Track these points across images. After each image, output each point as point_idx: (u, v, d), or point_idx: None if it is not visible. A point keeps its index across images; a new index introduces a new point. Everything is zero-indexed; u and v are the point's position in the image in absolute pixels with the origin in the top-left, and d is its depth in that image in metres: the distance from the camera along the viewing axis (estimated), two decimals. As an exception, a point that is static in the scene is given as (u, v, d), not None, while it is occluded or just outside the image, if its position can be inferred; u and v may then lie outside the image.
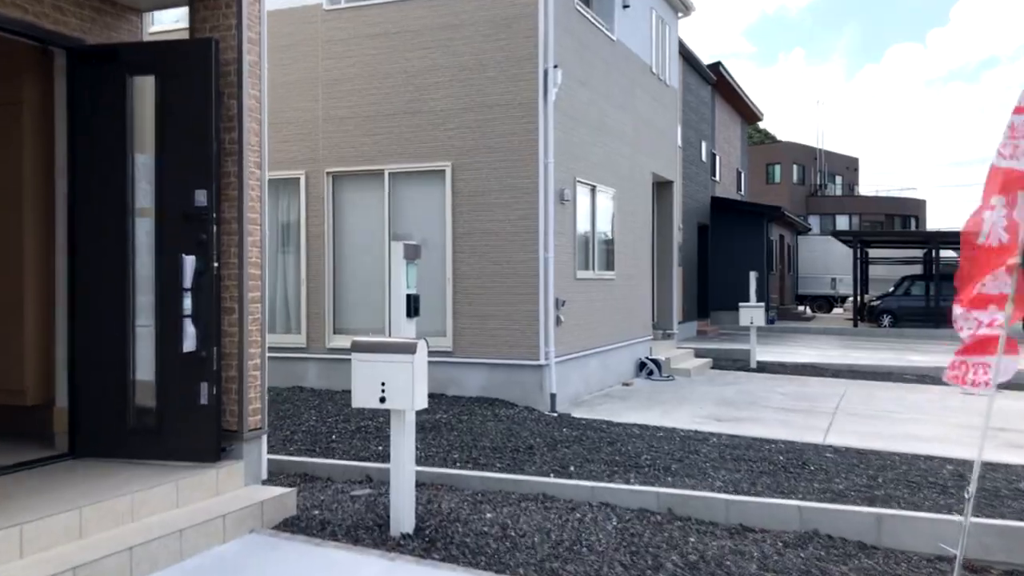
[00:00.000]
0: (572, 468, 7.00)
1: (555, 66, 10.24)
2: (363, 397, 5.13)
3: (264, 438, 5.79)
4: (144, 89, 5.38)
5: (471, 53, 10.41)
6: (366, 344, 5.15)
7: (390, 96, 10.75)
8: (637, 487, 6.26)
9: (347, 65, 10.98)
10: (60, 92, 5.54)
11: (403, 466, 5.22)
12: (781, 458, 7.61)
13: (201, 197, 5.26)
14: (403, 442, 5.22)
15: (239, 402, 5.51)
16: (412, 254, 5.27)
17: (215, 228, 5.29)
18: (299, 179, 11.19)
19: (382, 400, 5.08)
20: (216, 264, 5.30)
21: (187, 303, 5.24)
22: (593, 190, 11.98)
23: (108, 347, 5.41)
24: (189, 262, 5.22)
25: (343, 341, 10.70)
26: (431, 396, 10.27)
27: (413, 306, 5.25)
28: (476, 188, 10.34)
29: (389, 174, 10.74)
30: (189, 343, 5.24)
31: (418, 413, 9.63)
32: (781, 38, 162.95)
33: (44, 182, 5.66)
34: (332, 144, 11.02)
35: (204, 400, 5.29)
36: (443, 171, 10.49)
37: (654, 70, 15.07)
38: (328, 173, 11.04)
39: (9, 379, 5.74)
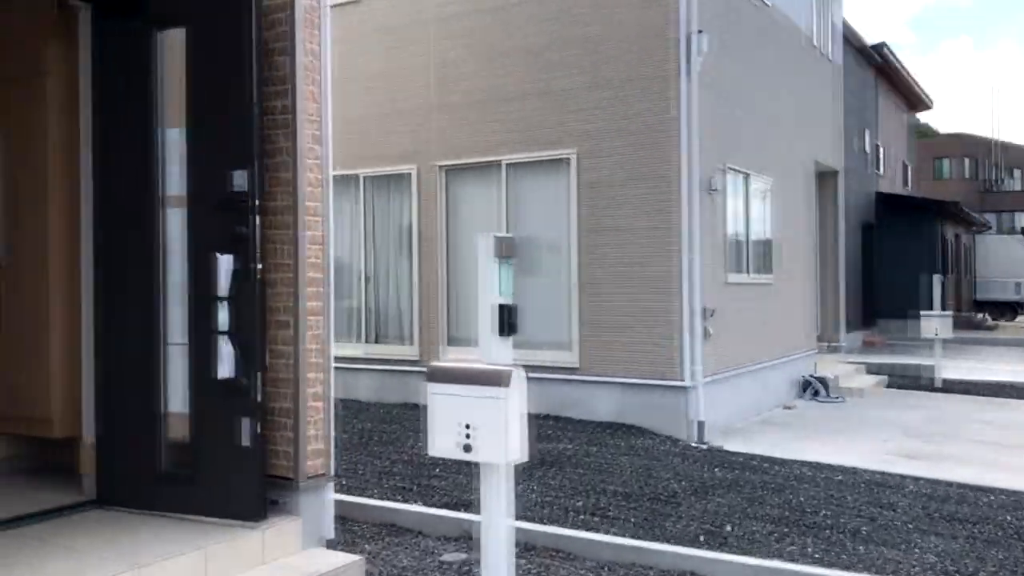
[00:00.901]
0: (728, 527, 5.42)
1: (699, 31, 8.65)
2: (441, 443, 3.79)
3: (330, 487, 4.56)
4: (175, 46, 4.28)
5: (599, 22, 8.97)
6: (443, 372, 3.80)
7: (507, 78, 9.46)
8: (825, 572, 4.59)
9: (460, 45, 9.79)
10: (84, 59, 4.52)
11: (497, 538, 3.83)
12: (1009, 518, 5.74)
13: (240, 179, 4.08)
14: (496, 504, 3.84)
15: (294, 442, 4.29)
16: (506, 250, 3.89)
17: (257, 219, 4.09)
18: (410, 174, 10.08)
19: (466, 449, 3.71)
20: (259, 266, 4.09)
21: (221, 316, 4.06)
22: (746, 179, 10.26)
23: (135, 371, 4.32)
24: (223, 263, 4.05)
25: (459, 354, 9.49)
26: (553, 419, 8.88)
27: (508, 320, 3.87)
28: (605, 178, 8.88)
29: (507, 165, 9.44)
30: (224, 367, 4.06)
31: (536, 441, 8.35)
32: (945, 25, 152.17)
33: (70, 172, 4.65)
34: (444, 135, 9.85)
35: (245, 441, 4.10)
36: (567, 160, 9.08)
37: (815, 42, 13.12)
38: (441, 167, 9.87)
39: (35, 406, 4.77)
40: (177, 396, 4.30)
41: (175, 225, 4.29)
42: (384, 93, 10.25)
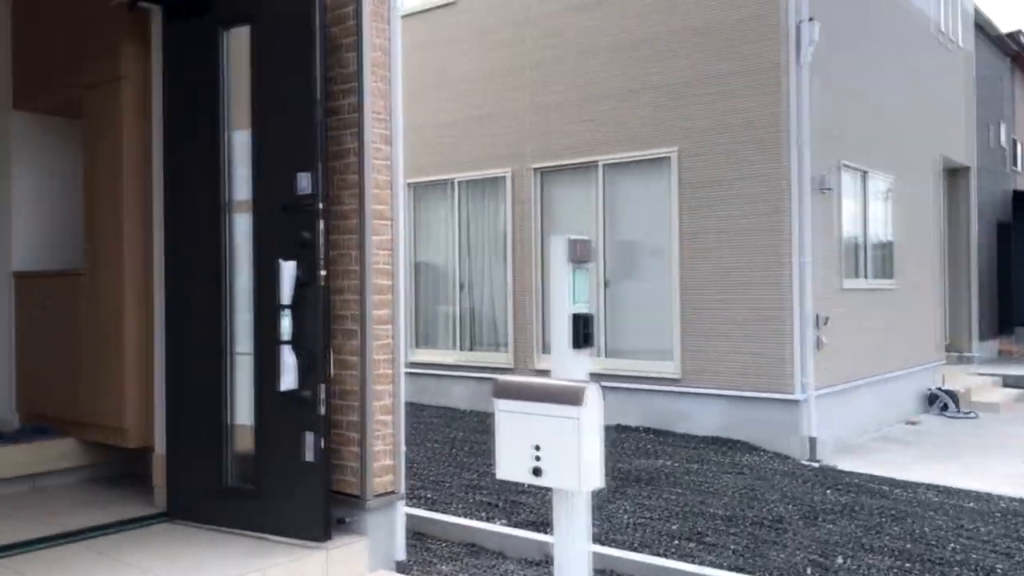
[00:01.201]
0: (840, 559, 4.88)
1: (810, 19, 8.05)
2: (509, 465, 3.48)
3: (400, 505, 4.32)
4: (241, 46, 4.13)
5: (700, 13, 8.48)
6: (511, 387, 3.49)
7: (603, 74, 9.08)
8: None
9: (555, 44, 9.47)
10: (156, 61, 4.45)
11: (570, 569, 3.48)
12: None
13: (304, 182, 3.88)
14: (570, 533, 3.49)
15: (361, 457, 4.07)
16: (581, 254, 3.54)
17: (322, 223, 3.88)
18: (504, 177, 9.83)
19: (535, 473, 3.39)
20: (323, 272, 3.88)
21: (284, 324, 3.87)
22: (864, 176, 9.52)
23: (201, 381, 4.20)
24: (287, 270, 3.86)
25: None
26: (653, 433, 8.43)
27: (583, 331, 3.52)
28: (708, 178, 8.37)
29: (603, 166, 9.05)
30: (287, 379, 3.87)
31: (632, 456, 7.92)
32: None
33: (145, 177, 4.59)
34: (539, 136, 9.55)
35: (309, 456, 3.90)
36: (667, 159, 8.62)
37: (942, 28, 12.16)
38: (536, 169, 9.57)
39: (111, 415, 4.73)
40: (244, 408, 4.14)
41: (242, 231, 4.14)
42: (479, 95, 10.05)
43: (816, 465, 7.55)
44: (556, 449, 3.34)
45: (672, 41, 8.64)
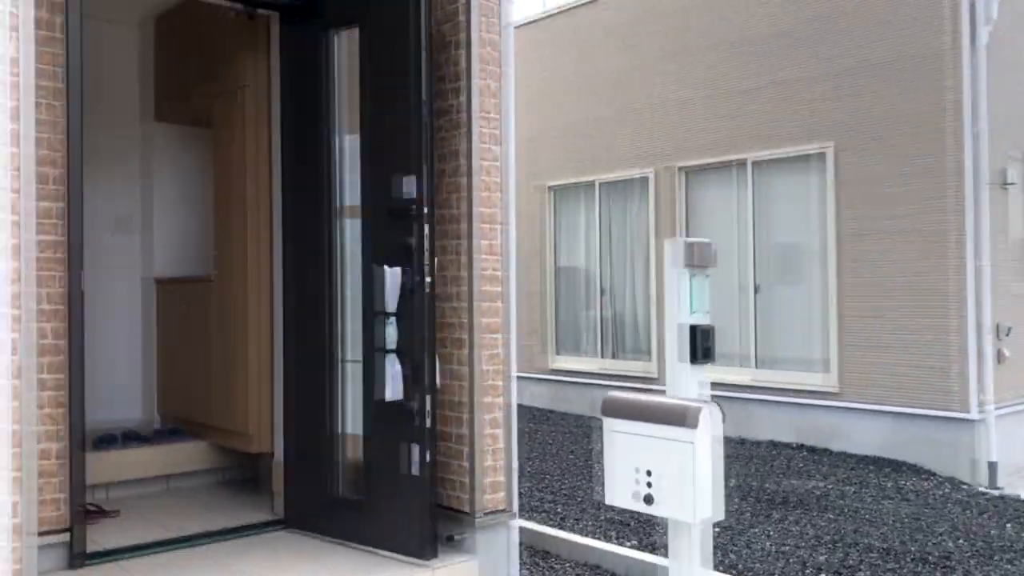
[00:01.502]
0: (1017, 609, 4.24)
1: (988, -6, 7.22)
2: (616, 490, 3.18)
3: (514, 524, 4.10)
4: (351, 49, 4.06)
5: (859, -6, 7.80)
6: (620, 404, 3.19)
7: (750, 68, 8.54)
8: None
9: (696, 36, 9.02)
10: (275, 68, 4.46)
11: (686, 610, 3.14)
12: None
13: (408, 186, 3.74)
14: (684, 568, 3.14)
15: (470, 472, 3.89)
16: (699, 258, 3.20)
17: (426, 228, 3.72)
18: (646, 178, 9.45)
19: (646, 501, 3.08)
20: (428, 279, 3.72)
21: (389, 333, 3.75)
22: (1053, 169, 8.47)
23: (313, 389, 4.15)
24: (391, 276, 3.73)
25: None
26: (807, 450, 7.82)
27: (700, 344, 3.17)
28: (868, 175, 7.68)
29: (752, 164, 8.51)
30: (391, 388, 3.74)
31: (781, 476, 7.34)
32: None
33: (266, 183, 4.61)
34: (682, 134, 9.12)
35: (414, 469, 3.75)
36: (821, 155, 7.99)
37: None
38: (680, 169, 9.14)
39: (236, 419, 4.79)
40: (355, 417, 4.06)
41: (352, 236, 4.06)
42: (617, 94, 9.74)
43: (995, 493, 6.72)
44: (668, 475, 3.02)
45: (822, 26, 8.00)
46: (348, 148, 4.08)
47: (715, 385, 8.86)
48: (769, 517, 5.86)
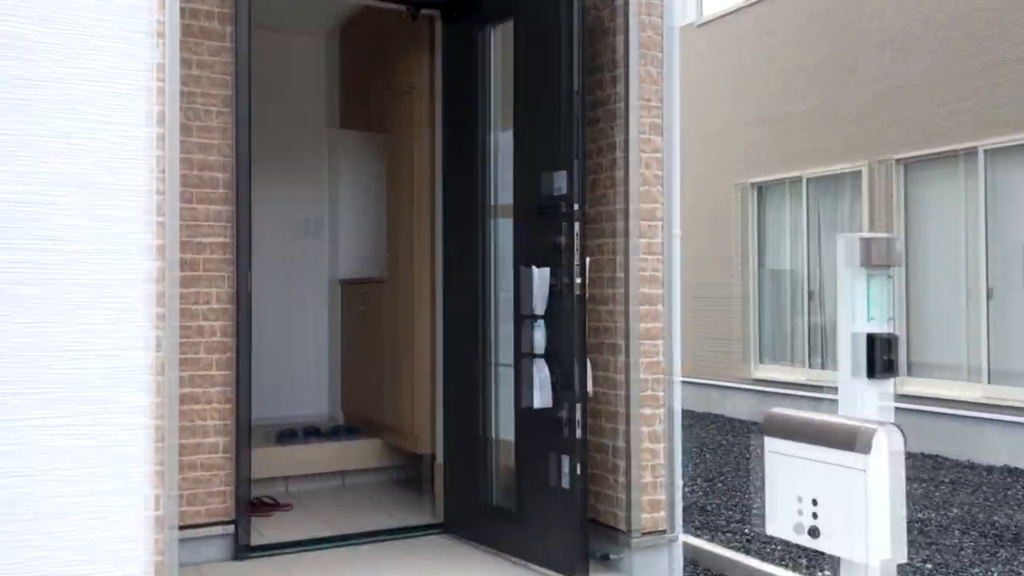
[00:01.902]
0: None
1: None
2: (778, 519, 2.79)
3: (676, 547, 3.78)
4: (507, 42, 3.92)
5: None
6: (782, 422, 2.80)
7: (976, 45, 7.52)
8: None
9: (905, 16, 8.09)
10: (437, 68, 4.42)
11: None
12: None
13: (559, 182, 3.54)
14: (859, 618, 2.70)
15: (626, 488, 3.62)
16: (878, 256, 2.73)
17: (577, 226, 3.50)
18: (859, 173, 8.62)
19: (811, 533, 2.67)
20: (578, 280, 3.50)
21: (537, 337, 3.56)
22: None
23: (468, 393, 4.05)
24: (539, 277, 3.55)
25: (920, 386, 7.86)
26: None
27: (879, 356, 2.72)
28: None
29: (985, 152, 7.50)
30: (539, 396, 3.55)
31: (1017, 508, 6.30)
32: None
33: (432, 185, 4.60)
34: (899, 125, 8.22)
35: (564, 482, 3.54)
36: (1072, 138, 6.88)
37: None
38: (897, 161, 8.25)
39: (403, 419, 4.82)
40: (508, 423, 3.92)
41: (505, 236, 3.92)
42: (820, 84, 8.97)
43: None
44: (835, 506, 2.60)
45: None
46: (502, 145, 3.95)
47: (937, 401, 7.94)
48: (995, 556, 5.07)
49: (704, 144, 10.18)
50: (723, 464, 7.62)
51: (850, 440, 2.57)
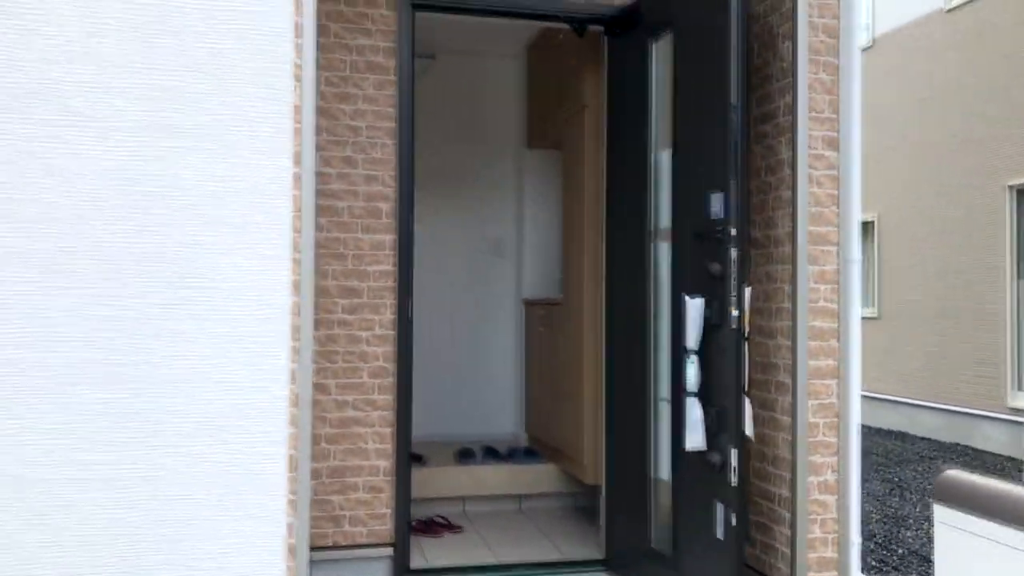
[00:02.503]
0: None
1: None
2: (948, 609, 2.35)
3: (854, 611, 3.35)
4: (667, 55, 3.69)
5: None
6: (960, 488, 2.36)
7: None
8: None
9: None
10: (604, 85, 4.26)
11: None
12: None
13: (716, 204, 3.25)
14: None
15: (791, 543, 3.26)
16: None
17: (735, 252, 3.20)
18: None
19: (985, 629, 2.22)
20: (736, 312, 3.20)
21: (690, 373, 3.30)
22: None
23: (631, 427, 3.86)
24: (693, 308, 3.28)
25: None
26: None
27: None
28: None
29: None
30: (693, 437, 3.28)
31: None
32: None
33: (601, 204, 4.44)
34: None
35: (719, 532, 3.24)
36: None
37: None
38: None
39: (573, 447, 4.69)
40: (665, 462, 3.68)
41: (666, 262, 3.68)
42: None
43: None
44: (1019, 603, 2.13)
45: None
46: (665, 165, 3.72)
47: None
48: None
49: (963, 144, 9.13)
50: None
51: (1038, 522, 2.10)
